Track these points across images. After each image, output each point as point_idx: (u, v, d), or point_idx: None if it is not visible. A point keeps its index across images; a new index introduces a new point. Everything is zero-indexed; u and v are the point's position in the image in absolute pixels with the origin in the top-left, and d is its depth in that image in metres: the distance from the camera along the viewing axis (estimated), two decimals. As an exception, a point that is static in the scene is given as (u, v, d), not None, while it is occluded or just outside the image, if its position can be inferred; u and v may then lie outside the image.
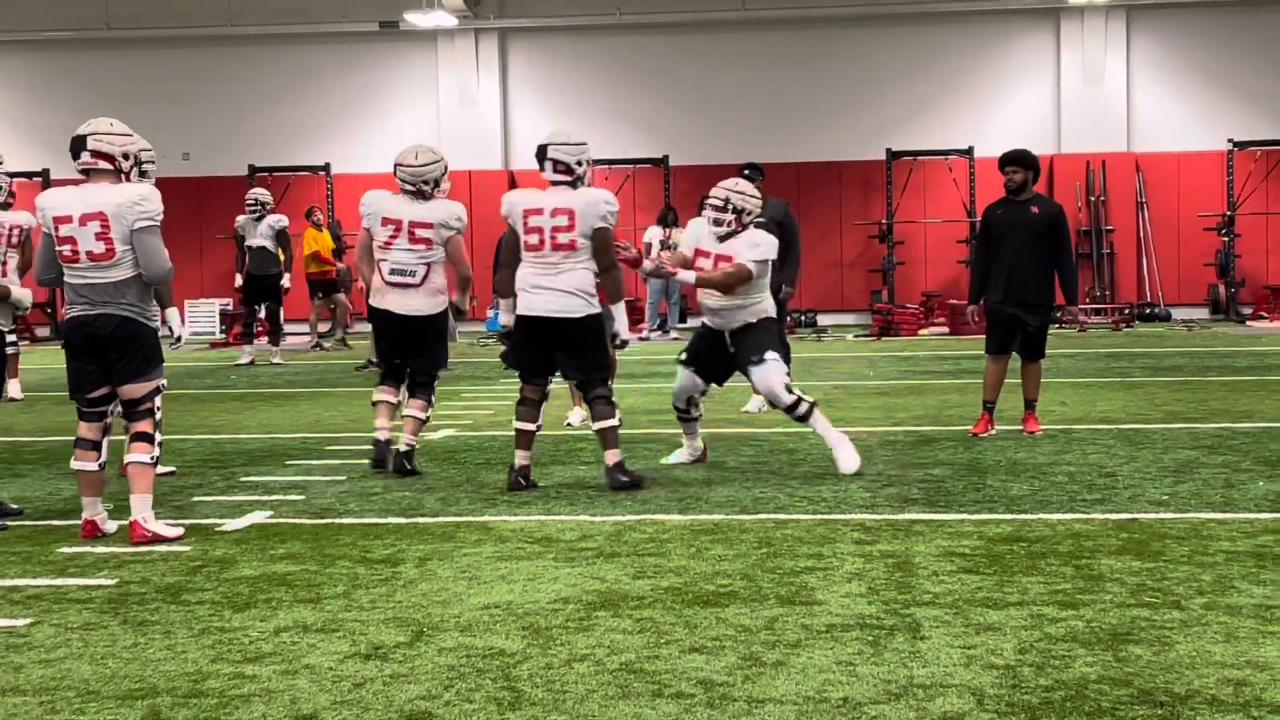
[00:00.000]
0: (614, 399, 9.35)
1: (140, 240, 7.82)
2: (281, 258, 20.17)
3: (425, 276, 9.89)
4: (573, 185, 9.20)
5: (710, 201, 9.75)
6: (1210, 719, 4.63)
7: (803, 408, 9.63)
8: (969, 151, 26.63)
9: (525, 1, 29.52)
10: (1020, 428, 11.45)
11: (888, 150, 27.02)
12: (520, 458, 9.33)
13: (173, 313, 9.11)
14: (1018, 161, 11.36)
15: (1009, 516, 8.05)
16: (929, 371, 16.94)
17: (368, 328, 10.78)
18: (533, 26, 29.55)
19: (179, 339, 9.12)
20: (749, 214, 9.77)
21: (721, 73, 29.06)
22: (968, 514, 8.16)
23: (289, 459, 10.95)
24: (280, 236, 20.07)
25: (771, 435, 11.56)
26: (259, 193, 20.43)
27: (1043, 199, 11.48)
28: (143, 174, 9.22)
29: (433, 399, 10.21)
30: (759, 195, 9.95)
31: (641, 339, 23.58)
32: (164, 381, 8.13)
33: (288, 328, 23.93)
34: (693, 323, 25.21)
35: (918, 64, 28.67)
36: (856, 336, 24.39)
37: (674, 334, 24.49)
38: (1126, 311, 26.45)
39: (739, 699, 4.93)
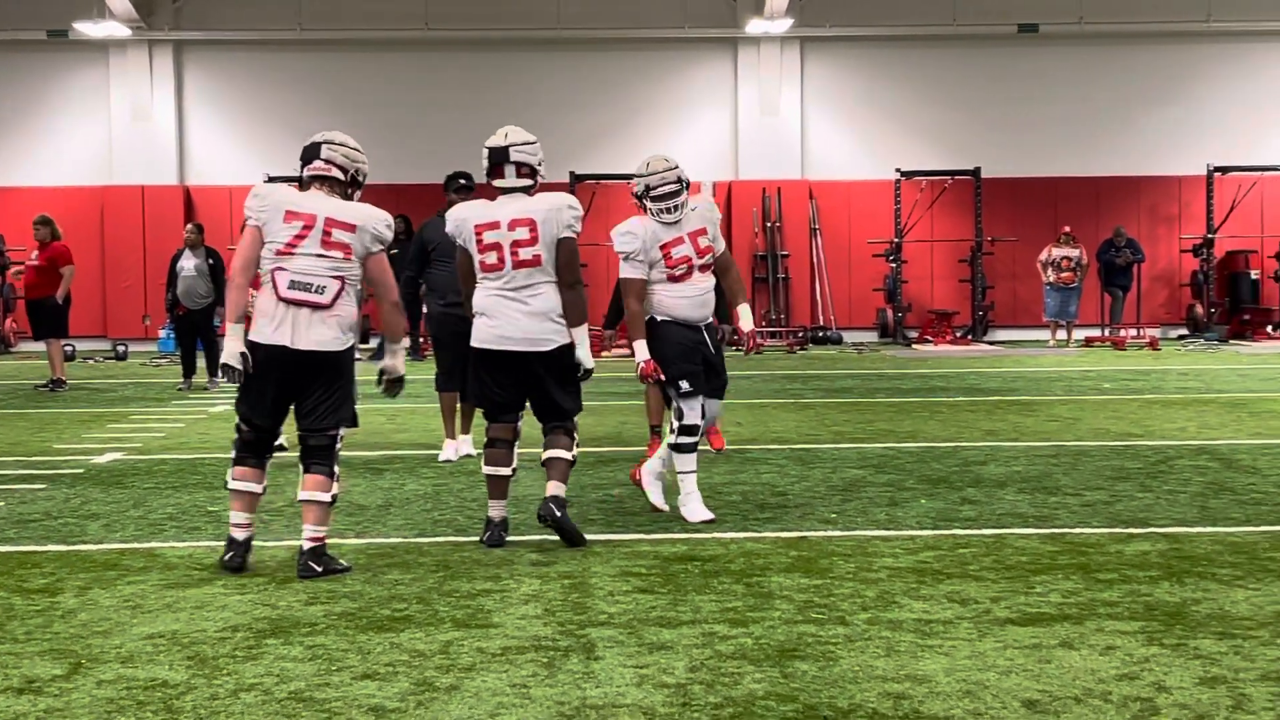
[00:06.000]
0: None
1: None
2: None
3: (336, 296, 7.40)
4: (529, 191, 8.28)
5: (661, 190, 8.86)
6: (871, 731, 4.77)
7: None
8: (650, 176, 27.01)
9: (202, 13, 28.79)
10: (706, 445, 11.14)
11: (571, 174, 27.21)
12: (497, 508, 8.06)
13: None
14: None
15: (684, 536, 8.16)
16: (610, 393, 17.09)
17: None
18: (209, 39, 28.85)
19: None
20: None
21: (405, 92, 28.88)
22: (644, 534, 8.24)
23: (-58, 485, 10.42)
24: None
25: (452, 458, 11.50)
26: None
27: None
28: None
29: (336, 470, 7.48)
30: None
31: None
32: None
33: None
34: (373, 341, 24.91)
35: (601, 89, 29.03)
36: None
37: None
38: (800, 334, 27.26)
39: (411, 725, 4.87)
